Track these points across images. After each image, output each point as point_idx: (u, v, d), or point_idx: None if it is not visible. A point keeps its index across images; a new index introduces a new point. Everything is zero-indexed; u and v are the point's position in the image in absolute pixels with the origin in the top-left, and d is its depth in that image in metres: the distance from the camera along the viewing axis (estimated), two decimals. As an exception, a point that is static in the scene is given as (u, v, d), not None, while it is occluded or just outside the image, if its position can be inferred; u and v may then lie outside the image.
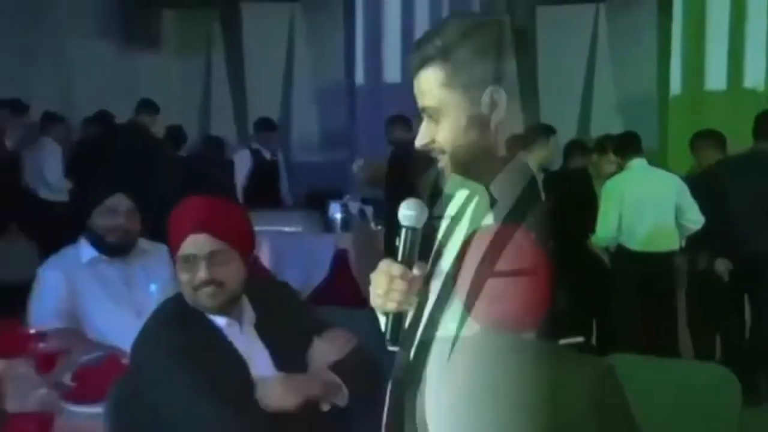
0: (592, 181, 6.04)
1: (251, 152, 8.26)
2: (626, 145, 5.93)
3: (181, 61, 10.68)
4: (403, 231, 1.67)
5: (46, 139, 7.58)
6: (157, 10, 10.43)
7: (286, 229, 6.80)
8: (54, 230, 4.75)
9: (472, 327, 1.55)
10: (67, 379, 2.68)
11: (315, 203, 7.38)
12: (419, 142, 1.65)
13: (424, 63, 1.60)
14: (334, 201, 6.96)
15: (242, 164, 8.09)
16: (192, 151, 8.36)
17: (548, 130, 6.22)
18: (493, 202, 1.62)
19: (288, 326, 2.35)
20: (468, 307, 1.55)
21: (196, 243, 2.24)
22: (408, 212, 1.66)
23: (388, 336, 1.68)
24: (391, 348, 1.70)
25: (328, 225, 6.84)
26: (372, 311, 1.86)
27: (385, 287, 1.65)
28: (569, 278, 1.58)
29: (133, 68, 9.79)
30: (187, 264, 2.24)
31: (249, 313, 2.34)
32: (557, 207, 1.67)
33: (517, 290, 1.52)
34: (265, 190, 7.93)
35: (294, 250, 6.53)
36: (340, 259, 6.48)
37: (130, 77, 9.42)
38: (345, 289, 6.12)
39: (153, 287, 2.57)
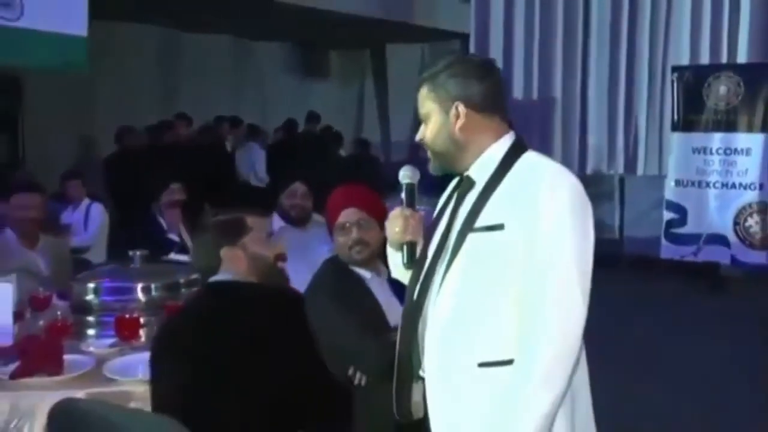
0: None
1: None
2: None
3: (342, 87, 10.87)
4: (404, 186, 1.72)
5: (253, 144, 7.84)
6: (326, 51, 10.64)
7: (417, 207, 6.82)
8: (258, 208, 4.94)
9: (452, 275, 1.54)
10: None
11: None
12: (416, 138, 1.67)
13: (421, 83, 1.63)
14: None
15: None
16: (348, 150, 8.51)
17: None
18: (473, 184, 1.60)
19: None
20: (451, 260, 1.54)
21: (348, 214, 2.27)
22: (406, 173, 1.73)
23: (406, 261, 1.69)
24: (408, 270, 1.69)
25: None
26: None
27: (402, 225, 1.68)
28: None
29: (310, 92, 10.03)
30: (343, 230, 2.27)
31: (384, 270, 2.35)
32: None
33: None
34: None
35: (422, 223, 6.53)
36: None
37: (307, 99, 9.67)
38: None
39: (326, 248, 2.63)
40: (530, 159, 1.57)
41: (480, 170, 1.59)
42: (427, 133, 1.63)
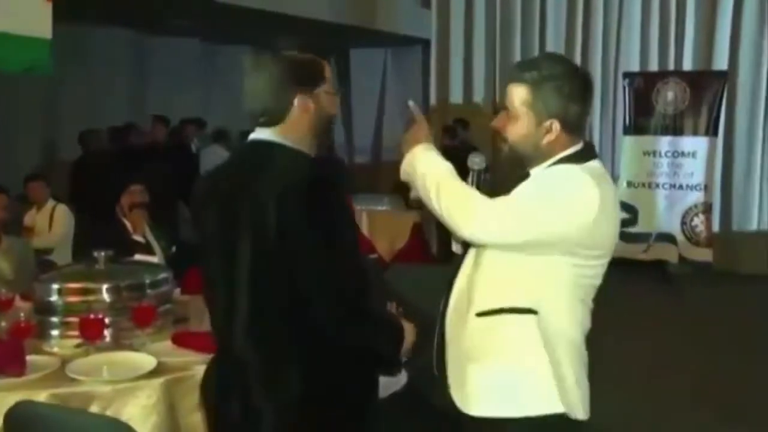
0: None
1: None
2: None
3: (307, 91, 10.84)
4: (473, 173, 1.75)
5: (216, 146, 7.74)
6: (292, 55, 10.60)
7: (379, 208, 6.84)
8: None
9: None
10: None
11: (399, 190, 7.39)
12: (493, 123, 1.68)
13: (520, 80, 1.61)
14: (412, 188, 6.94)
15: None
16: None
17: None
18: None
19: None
20: None
21: None
22: (474, 159, 1.77)
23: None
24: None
25: (408, 205, 6.84)
26: (432, 267, 1.89)
27: None
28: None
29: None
30: None
31: None
32: None
33: None
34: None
35: (384, 223, 6.56)
36: (416, 230, 6.47)
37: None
38: (419, 251, 6.11)
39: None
40: (565, 165, 1.61)
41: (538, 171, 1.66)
42: (512, 131, 1.63)
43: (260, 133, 1.64)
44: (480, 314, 1.62)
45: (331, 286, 1.52)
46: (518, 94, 1.61)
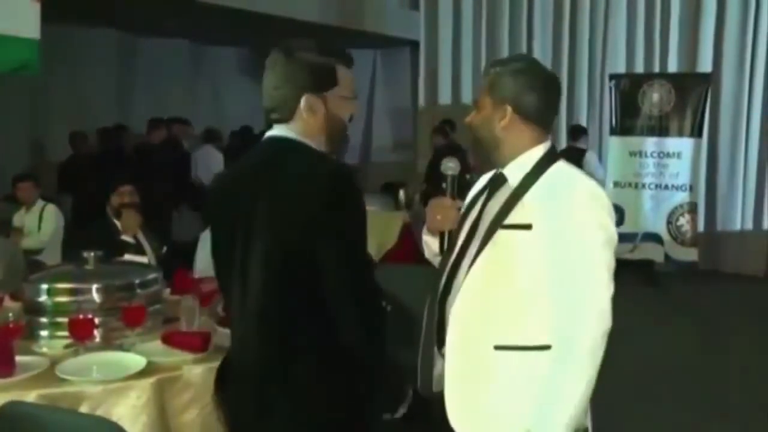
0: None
1: None
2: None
3: (297, 92, 10.79)
4: (447, 178, 1.78)
5: (209, 146, 7.70)
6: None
7: (368, 208, 6.81)
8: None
9: (478, 265, 1.62)
10: (219, 310, 2.72)
11: (388, 190, 7.40)
12: (466, 120, 1.77)
13: (487, 74, 1.73)
14: (401, 188, 6.95)
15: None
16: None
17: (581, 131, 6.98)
18: (505, 181, 1.69)
19: None
20: (481, 248, 1.63)
21: None
22: (449, 164, 1.79)
23: (442, 248, 1.75)
24: (440, 257, 1.77)
25: (397, 205, 6.84)
26: (422, 268, 1.89)
27: (443, 214, 1.75)
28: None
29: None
30: None
31: None
32: None
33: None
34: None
35: (373, 223, 6.52)
36: (405, 230, 6.46)
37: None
38: (409, 252, 6.09)
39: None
40: (562, 168, 1.67)
41: (514, 171, 1.68)
42: (475, 119, 1.73)
43: (278, 131, 1.65)
44: (500, 348, 1.60)
45: (357, 284, 1.59)
46: (483, 86, 1.72)
